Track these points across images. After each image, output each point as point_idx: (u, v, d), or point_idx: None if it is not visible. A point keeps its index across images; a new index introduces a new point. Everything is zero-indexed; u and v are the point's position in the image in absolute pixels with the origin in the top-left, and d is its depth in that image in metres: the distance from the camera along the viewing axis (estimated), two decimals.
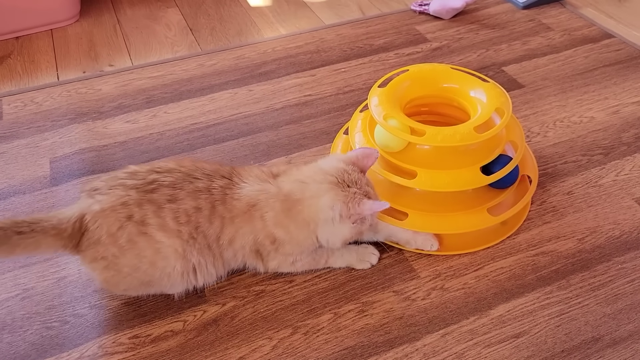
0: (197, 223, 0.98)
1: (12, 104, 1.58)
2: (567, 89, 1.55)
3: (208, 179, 1.00)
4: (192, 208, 0.97)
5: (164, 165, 1.01)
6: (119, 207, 0.95)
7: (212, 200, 0.99)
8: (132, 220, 0.95)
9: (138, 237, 0.95)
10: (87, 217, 0.95)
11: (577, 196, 1.24)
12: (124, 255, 0.96)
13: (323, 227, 0.99)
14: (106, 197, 0.95)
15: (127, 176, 0.98)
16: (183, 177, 0.99)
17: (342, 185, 0.98)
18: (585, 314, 1.01)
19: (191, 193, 0.98)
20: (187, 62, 1.73)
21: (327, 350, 0.98)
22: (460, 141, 1.05)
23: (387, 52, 1.74)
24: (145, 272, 0.98)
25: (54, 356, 0.98)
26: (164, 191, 0.97)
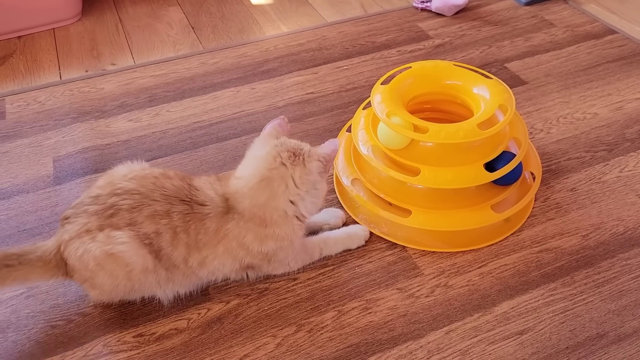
0: (159, 246, 0.97)
1: (15, 104, 1.58)
2: (570, 86, 1.55)
3: (167, 202, 0.97)
4: (151, 232, 0.96)
5: (125, 185, 0.98)
6: (83, 234, 0.96)
7: (173, 227, 0.96)
8: (95, 242, 0.95)
9: (105, 259, 0.95)
10: (62, 247, 0.97)
11: (580, 193, 1.24)
12: (98, 276, 0.97)
13: (307, 199, 1.00)
14: (72, 226, 0.97)
15: (90, 201, 0.98)
16: (141, 200, 0.96)
17: (295, 154, 0.98)
18: (590, 311, 1.01)
19: (149, 217, 0.96)
20: (189, 60, 1.73)
21: (331, 347, 0.98)
22: (463, 138, 1.05)
23: (389, 49, 1.74)
24: (125, 285, 0.99)
25: (59, 354, 0.98)
26: (122, 215, 0.96)
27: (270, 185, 0.98)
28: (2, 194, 1.30)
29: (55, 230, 1.18)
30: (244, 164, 1.02)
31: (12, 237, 1.19)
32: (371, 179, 1.18)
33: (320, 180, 1.01)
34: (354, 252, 1.13)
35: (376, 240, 1.15)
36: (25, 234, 1.20)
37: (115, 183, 0.99)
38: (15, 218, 1.24)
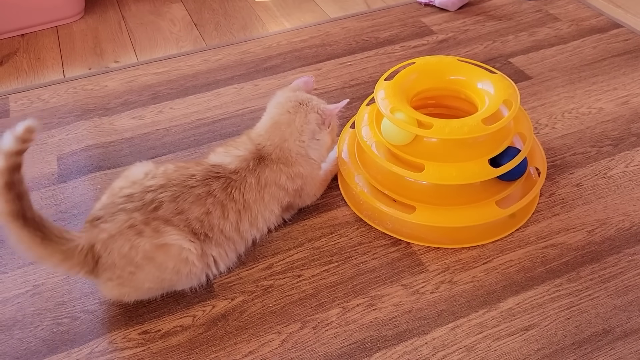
0: (211, 225, 1.02)
1: (18, 102, 1.58)
2: (575, 80, 1.54)
3: (204, 184, 1.03)
4: (202, 214, 1.01)
5: (154, 182, 1.00)
6: (126, 230, 0.96)
7: (220, 201, 1.03)
8: (143, 237, 0.96)
9: (156, 252, 0.96)
10: (97, 246, 0.96)
11: (586, 188, 1.23)
12: (142, 271, 0.97)
13: (311, 144, 1.13)
14: (111, 225, 0.96)
15: (124, 200, 0.98)
16: (180, 190, 1.00)
17: (303, 104, 1.13)
18: (596, 306, 1.01)
19: (195, 202, 1.00)
20: (192, 57, 1.73)
21: (336, 344, 0.98)
22: (468, 133, 1.04)
23: (392, 45, 1.73)
24: (170, 280, 1.00)
25: (65, 352, 0.98)
26: (167, 207, 0.98)
27: (279, 128, 1.12)
28: None
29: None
30: (264, 115, 1.17)
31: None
32: (375, 175, 1.18)
33: (319, 131, 1.14)
34: (358, 249, 1.13)
35: (381, 236, 1.15)
36: None
37: (143, 182, 1.01)
38: None
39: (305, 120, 1.12)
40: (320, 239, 1.16)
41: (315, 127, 1.13)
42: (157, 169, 1.04)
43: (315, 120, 1.12)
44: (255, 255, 1.13)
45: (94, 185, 1.29)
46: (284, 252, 1.14)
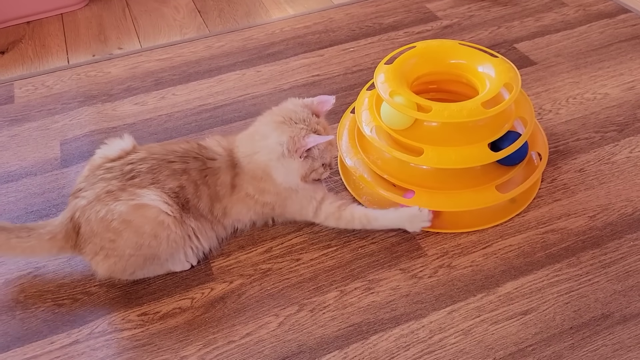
0: (186, 198, 1.03)
1: (23, 88, 1.59)
2: (581, 66, 1.52)
3: (182, 161, 1.04)
4: (176, 187, 1.02)
5: (135, 156, 1.04)
6: (104, 195, 0.98)
7: (193, 180, 1.04)
8: (119, 200, 0.97)
9: (133, 212, 0.97)
10: (77, 214, 0.99)
11: (589, 173, 1.22)
12: (121, 237, 0.98)
13: (276, 165, 1.04)
14: (89, 192, 1.00)
15: (104, 172, 1.02)
16: (158, 163, 1.03)
17: (288, 123, 1.04)
18: (595, 291, 1.00)
19: (170, 175, 1.02)
20: (195, 44, 1.73)
21: (333, 327, 0.98)
22: (467, 117, 1.04)
23: (396, 30, 1.72)
24: (149, 245, 0.99)
25: (65, 332, 1.00)
26: (144, 177, 1.01)
27: (254, 138, 1.06)
28: (10, 176, 1.31)
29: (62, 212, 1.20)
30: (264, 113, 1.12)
31: (20, 218, 1.21)
32: (375, 159, 1.17)
33: (289, 157, 1.02)
34: (357, 233, 1.13)
35: None
36: (33, 215, 1.21)
37: (123, 156, 1.04)
38: (23, 200, 1.25)
39: (278, 140, 1.03)
40: (320, 224, 1.15)
41: (285, 151, 1.02)
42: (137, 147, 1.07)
43: (286, 144, 1.02)
44: (254, 239, 1.14)
45: None
46: (283, 236, 1.14)
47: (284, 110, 1.08)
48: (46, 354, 0.97)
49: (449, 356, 0.93)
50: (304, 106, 1.08)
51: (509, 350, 0.93)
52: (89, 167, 1.05)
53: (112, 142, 1.08)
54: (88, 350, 0.97)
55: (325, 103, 1.09)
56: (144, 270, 1.05)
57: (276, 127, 1.04)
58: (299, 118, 1.05)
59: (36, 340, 0.98)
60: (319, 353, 0.94)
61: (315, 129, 1.05)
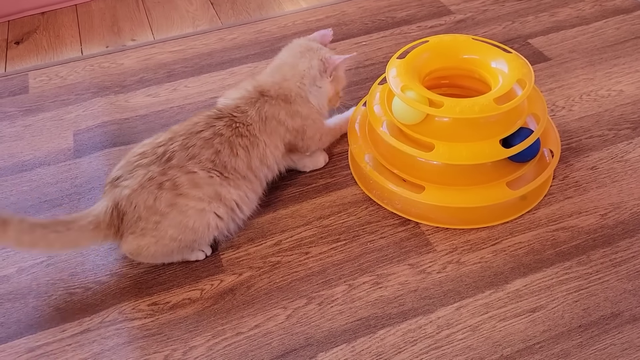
0: (224, 163, 1.06)
1: (37, 78, 1.61)
2: (596, 62, 1.50)
3: (209, 126, 1.07)
4: (212, 154, 1.05)
5: (162, 139, 1.06)
6: (147, 183, 1.00)
7: (226, 139, 1.07)
8: (164, 188, 1.00)
9: (177, 198, 1.00)
10: (122, 202, 1.00)
11: (601, 171, 1.21)
12: (167, 218, 1.00)
13: (310, 89, 1.16)
14: (131, 181, 1.01)
15: (138, 158, 1.04)
16: (187, 137, 1.05)
17: (312, 49, 1.18)
18: (605, 290, 0.99)
19: (203, 144, 1.05)
20: (207, 36, 1.73)
21: (341, 320, 0.98)
22: (479, 113, 1.03)
23: (409, 24, 1.71)
24: (193, 227, 1.02)
25: (77, 320, 1.01)
26: (180, 155, 1.03)
27: (282, 69, 1.17)
28: (24, 166, 1.33)
29: (74, 202, 1.22)
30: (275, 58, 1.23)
31: (33, 207, 1.22)
32: (385, 154, 1.17)
33: (320, 78, 1.17)
34: (366, 228, 1.13)
35: (389, 216, 1.15)
36: (46, 204, 1.23)
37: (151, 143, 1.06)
38: (37, 189, 1.27)
39: (308, 65, 1.16)
40: (329, 217, 1.16)
41: (317, 74, 1.16)
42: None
43: (317, 67, 1.16)
44: (264, 232, 1.14)
45: (109, 161, 1.31)
46: (292, 229, 1.14)
47: (300, 44, 1.20)
48: (58, 341, 0.98)
49: (456, 352, 0.93)
50: (314, 39, 1.23)
51: (517, 347, 0.93)
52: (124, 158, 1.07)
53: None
54: (99, 339, 0.98)
55: (326, 36, 1.24)
56: (169, 257, 1.07)
57: (302, 55, 1.17)
58: (315, 47, 1.19)
59: (48, 328, 1.00)
60: (327, 346, 0.95)
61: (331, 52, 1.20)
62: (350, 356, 0.93)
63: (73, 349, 0.97)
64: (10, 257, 1.12)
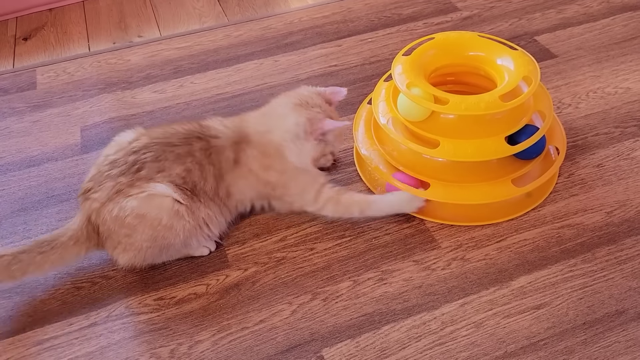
0: (194, 182, 1.05)
1: (45, 74, 1.62)
2: (603, 59, 1.49)
3: (186, 144, 1.05)
4: (182, 172, 1.04)
5: (138, 143, 1.04)
6: (114, 196, 1.00)
7: (198, 161, 1.05)
8: (130, 196, 0.99)
9: (145, 204, 0.99)
10: (93, 215, 1.01)
11: (607, 169, 1.20)
12: (136, 231, 0.99)
13: (290, 146, 1.07)
14: (99, 194, 1.01)
15: (109, 167, 1.02)
16: (162, 148, 1.03)
17: (305, 106, 1.09)
18: (610, 288, 0.99)
19: (176, 160, 1.03)
20: (214, 32, 1.74)
21: (346, 316, 0.99)
22: (485, 110, 1.03)
23: (415, 21, 1.71)
24: (164, 237, 1.01)
25: (84, 314, 1.02)
26: (150, 166, 1.02)
27: (271, 118, 1.10)
28: (32, 161, 1.34)
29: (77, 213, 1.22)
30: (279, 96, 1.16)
31: (41, 202, 1.24)
32: (390, 151, 1.17)
33: (304, 139, 1.07)
34: (371, 224, 1.14)
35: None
36: (53, 199, 1.24)
37: (127, 146, 1.04)
38: (44, 184, 1.28)
39: (296, 121, 1.07)
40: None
41: (301, 133, 1.06)
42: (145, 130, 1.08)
43: (303, 126, 1.06)
44: (269, 227, 1.15)
45: None
46: (297, 225, 1.15)
47: (299, 94, 1.12)
48: (65, 335, 0.99)
49: (459, 348, 0.93)
50: (318, 94, 1.13)
51: (521, 344, 0.93)
52: (95, 164, 1.06)
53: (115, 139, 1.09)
54: (106, 333, 0.99)
55: (338, 94, 1.14)
56: (162, 257, 1.07)
57: (293, 108, 1.08)
58: (315, 103, 1.10)
59: (56, 322, 1.01)
60: (331, 341, 0.95)
61: (330, 116, 1.10)
62: (354, 351, 0.94)
63: (80, 342, 0.98)
64: None
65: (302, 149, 1.07)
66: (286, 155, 1.07)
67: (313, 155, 1.09)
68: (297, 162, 1.08)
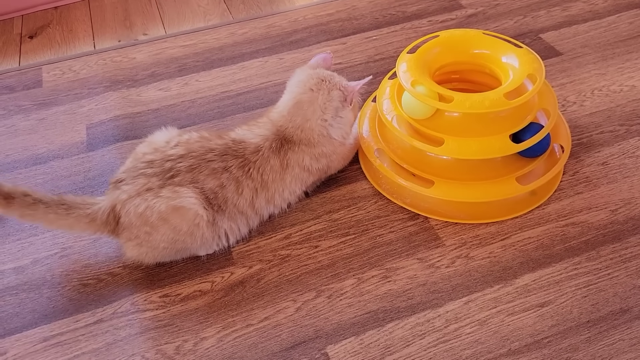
0: (225, 197, 1.05)
1: (51, 72, 1.63)
2: (608, 57, 1.49)
3: (221, 160, 1.05)
4: (216, 187, 1.04)
5: (175, 152, 1.05)
6: (144, 192, 1.01)
7: (235, 178, 1.05)
8: (159, 197, 1.00)
9: (171, 213, 1.00)
10: (118, 206, 1.02)
11: (612, 167, 1.20)
12: (157, 232, 1.00)
13: (332, 123, 1.12)
14: (130, 187, 1.02)
15: (145, 165, 1.03)
16: (197, 162, 1.04)
17: (324, 82, 1.11)
18: (614, 286, 0.99)
19: (210, 174, 1.04)
20: (218, 30, 1.74)
21: (350, 313, 0.99)
22: (489, 108, 1.03)
23: (420, 19, 1.71)
24: (183, 241, 1.03)
25: (90, 311, 1.03)
26: (184, 175, 1.02)
27: (302, 108, 1.10)
28: (38, 159, 1.35)
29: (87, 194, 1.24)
30: (285, 94, 1.15)
31: None
32: (395, 149, 1.18)
33: (342, 108, 1.12)
34: (375, 222, 1.14)
35: (398, 210, 1.16)
36: None
37: (164, 150, 1.05)
38: (50, 182, 1.29)
39: (328, 97, 1.10)
40: (339, 211, 1.17)
41: (339, 105, 1.11)
42: (180, 136, 1.08)
43: (338, 98, 1.11)
44: (274, 225, 1.15)
45: (121, 155, 1.33)
46: (302, 223, 1.15)
47: (308, 76, 1.13)
48: (72, 331, 1.00)
49: (463, 346, 0.93)
50: (317, 67, 1.17)
51: (525, 341, 0.93)
52: (132, 158, 1.07)
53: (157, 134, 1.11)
54: (111, 329, 1.00)
55: (327, 59, 1.18)
56: (174, 258, 1.09)
57: (317, 87, 1.11)
58: (327, 75, 1.13)
59: (62, 318, 1.02)
60: (336, 338, 0.96)
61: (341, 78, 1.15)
62: (358, 349, 0.94)
63: (86, 338, 0.99)
64: (25, 249, 1.14)
65: (343, 119, 1.13)
66: (332, 134, 1.12)
67: (352, 120, 1.16)
68: (340, 136, 1.14)
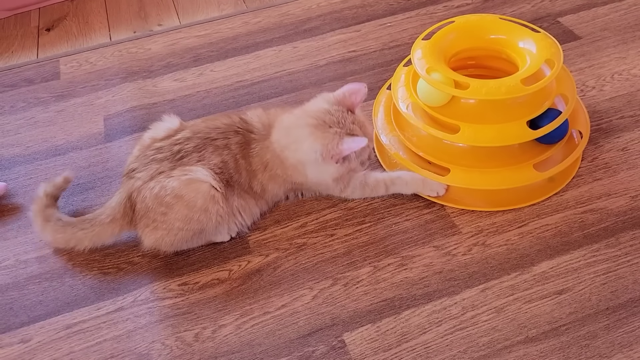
0: (229, 174, 1.08)
1: (68, 64, 1.65)
2: (629, 40, 1.46)
3: (224, 137, 1.08)
4: (220, 162, 1.07)
5: (182, 135, 1.08)
6: (157, 175, 1.04)
7: (234, 155, 1.08)
8: (172, 177, 1.03)
9: (185, 187, 1.02)
10: (134, 194, 1.05)
11: (632, 152, 1.18)
12: (172, 210, 1.02)
13: (310, 169, 1.07)
14: (143, 173, 1.05)
15: (155, 152, 1.07)
16: (202, 141, 1.07)
17: (322, 128, 1.04)
18: (634, 273, 0.98)
19: (214, 151, 1.07)
20: (232, 20, 1.74)
21: (366, 301, 1.00)
22: (506, 94, 1.02)
23: (435, 4, 1.68)
24: (199, 220, 1.04)
25: (110, 299, 1.05)
26: (191, 156, 1.06)
27: (289, 135, 1.07)
28: (58, 150, 1.37)
29: (106, 185, 1.26)
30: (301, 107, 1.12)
31: (67, 190, 1.26)
32: (410, 137, 1.17)
33: (322, 162, 1.04)
34: (391, 210, 1.14)
35: (414, 198, 1.15)
36: (78, 188, 1.27)
37: (172, 135, 1.09)
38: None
39: (312, 147, 1.04)
40: (354, 200, 1.17)
41: (319, 158, 1.04)
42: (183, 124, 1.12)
43: (320, 152, 1.03)
44: (290, 214, 1.16)
45: None
46: (317, 211, 1.16)
47: (317, 110, 1.06)
48: (93, 319, 1.02)
49: (480, 333, 0.93)
50: (337, 102, 1.07)
51: (542, 329, 0.93)
52: (139, 147, 1.10)
53: (159, 123, 1.14)
54: (132, 317, 1.02)
55: (357, 93, 1.07)
56: (191, 243, 1.10)
57: (310, 132, 1.04)
58: (333, 120, 1.04)
59: (84, 306, 1.04)
60: (352, 326, 0.97)
61: (351, 130, 1.05)
62: (375, 336, 0.95)
63: (108, 326, 1.01)
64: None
65: (322, 170, 1.07)
66: (307, 173, 1.08)
67: (335, 175, 1.08)
68: (316, 179, 1.10)
